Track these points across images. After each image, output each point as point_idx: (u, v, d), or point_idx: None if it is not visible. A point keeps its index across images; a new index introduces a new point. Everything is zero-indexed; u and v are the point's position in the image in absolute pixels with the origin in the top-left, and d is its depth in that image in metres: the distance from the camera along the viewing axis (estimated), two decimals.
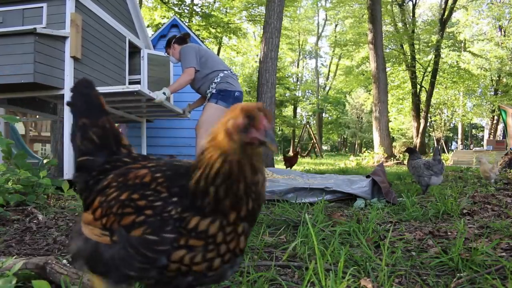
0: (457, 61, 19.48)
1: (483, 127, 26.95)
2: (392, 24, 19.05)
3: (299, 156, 8.86)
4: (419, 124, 17.46)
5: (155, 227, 0.56)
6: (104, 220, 0.62)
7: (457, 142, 27.40)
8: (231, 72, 3.74)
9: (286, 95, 29.71)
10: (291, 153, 12.12)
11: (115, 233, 0.60)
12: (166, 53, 3.68)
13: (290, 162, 7.97)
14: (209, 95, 3.66)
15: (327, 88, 33.34)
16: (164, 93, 3.47)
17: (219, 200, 0.55)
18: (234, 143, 0.54)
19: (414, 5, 19.07)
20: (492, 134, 21.37)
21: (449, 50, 19.50)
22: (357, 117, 33.07)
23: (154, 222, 0.56)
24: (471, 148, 20.50)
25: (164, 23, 7.88)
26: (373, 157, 11.80)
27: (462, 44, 20.96)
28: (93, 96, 0.81)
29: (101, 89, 3.36)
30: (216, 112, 3.67)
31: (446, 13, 17.17)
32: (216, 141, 0.55)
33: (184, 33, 3.76)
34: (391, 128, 21.42)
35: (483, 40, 20.38)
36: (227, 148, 0.55)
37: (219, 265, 0.57)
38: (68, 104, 0.81)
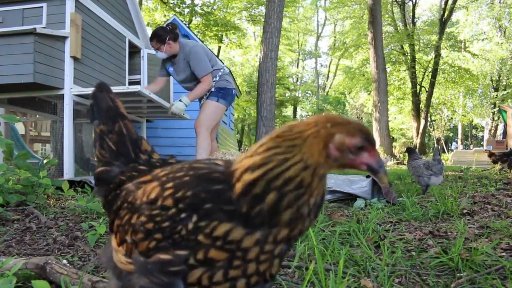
0: (457, 61, 19.49)
1: (483, 127, 26.96)
2: (392, 24, 19.06)
3: None
4: (419, 124, 17.47)
5: (167, 249, 0.48)
6: (124, 246, 0.55)
7: (457, 142, 27.41)
8: (226, 69, 3.73)
9: (286, 95, 29.72)
10: None
11: (135, 261, 0.52)
12: (155, 49, 3.54)
13: None
14: (207, 92, 3.62)
15: (327, 88, 33.35)
16: (181, 102, 3.37)
17: (277, 211, 0.46)
18: (331, 159, 0.48)
19: (414, 5, 19.08)
20: (492, 134, 21.39)
21: (449, 51, 19.52)
22: (357, 117, 33.08)
23: (165, 246, 0.48)
24: (471, 148, 20.51)
25: (164, 21, 7.88)
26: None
27: (462, 44, 20.97)
28: (109, 99, 0.74)
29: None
30: (217, 110, 3.62)
31: (446, 13, 17.19)
32: (302, 143, 0.47)
33: (173, 25, 3.59)
34: (391, 128, 21.42)
35: (483, 40, 20.39)
36: (317, 159, 0.47)
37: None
38: (88, 112, 0.76)
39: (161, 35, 3.41)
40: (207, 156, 3.70)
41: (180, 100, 3.35)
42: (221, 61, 4.12)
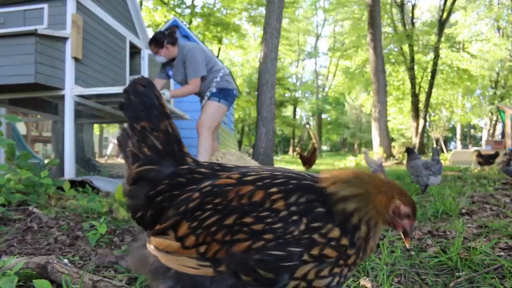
0: (455, 62, 19.52)
1: (481, 127, 27.00)
2: (392, 25, 19.08)
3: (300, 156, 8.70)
4: (418, 124, 17.49)
5: (279, 247, 0.50)
6: (203, 248, 0.52)
7: (455, 142, 27.44)
8: (227, 70, 3.74)
9: (286, 95, 29.73)
10: (296, 151, 11.80)
11: (221, 263, 0.51)
12: (153, 52, 3.56)
13: (309, 162, 7.33)
14: (208, 93, 3.64)
15: (327, 88, 33.35)
16: (163, 94, 3.43)
17: (367, 239, 0.58)
18: (387, 214, 0.61)
19: (413, 6, 19.11)
20: (491, 134, 21.41)
21: (448, 51, 19.54)
22: (357, 118, 33.10)
23: (276, 245, 0.50)
24: (469, 148, 20.54)
25: (164, 22, 7.89)
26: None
27: (461, 45, 21.01)
28: (154, 97, 0.69)
29: (103, 90, 3.37)
30: (218, 110, 3.64)
31: (445, 14, 17.21)
32: (376, 195, 0.60)
33: (171, 29, 3.60)
34: (390, 128, 21.44)
35: (481, 41, 20.43)
36: (383, 211, 0.60)
37: (335, 285, 0.56)
38: (122, 105, 0.68)
39: (159, 39, 3.44)
40: (209, 157, 3.71)
41: (163, 94, 3.38)
42: (221, 62, 4.13)
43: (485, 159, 5.42)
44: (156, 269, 0.55)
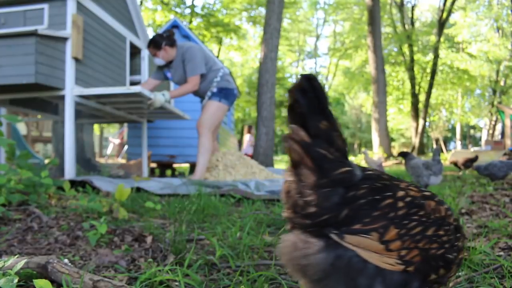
0: (455, 62, 19.53)
1: (481, 127, 27.00)
2: (391, 25, 19.09)
3: None
4: (418, 124, 17.49)
5: (450, 253, 0.65)
6: (404, 252, 0.61)
7: (455, 142, 27.45)
8: (226, 69, 3.74)
9: (286, 95, 29.69)
10: None
11: (413, 264, 0.61)
12: (152, 55, 3.56)
13: None
14: (209, 93, 3.63)
15: (327, 88, 33.37)
16: (163, 95, 3.41)
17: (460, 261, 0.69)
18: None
19: (413, 7, 19.11)
20: (491, 134, 21.42)
21: (448, 51, 19.55)
22: (356, 118, 33.12)
23: (449, 251, 0.65)
24: (469, 148, 20.54)
25: (166, 22, 7.89)
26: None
27: (461, 46, 21.01)
28: (325, 95, 0.66)
29: (103, 90, 3.37)
30: (219, 110, 3.64)
31: (445, 14, 17.22)
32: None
33: (170, 31, 3.62)
34: (390, 129, 21.44)
35: (481, 41, 20.43)
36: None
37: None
38: (296, 101, 0.63)
39: (157, 41, 3.46)
40: (209, 156, 3.71)
41: (163, 95, 3.37)
42: (221, 62, 4.12)
43: (463, 162, 5.44)
44: (353, 263, 0.61)
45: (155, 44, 3.48)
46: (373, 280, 0.60)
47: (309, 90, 0.64)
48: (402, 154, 3.19)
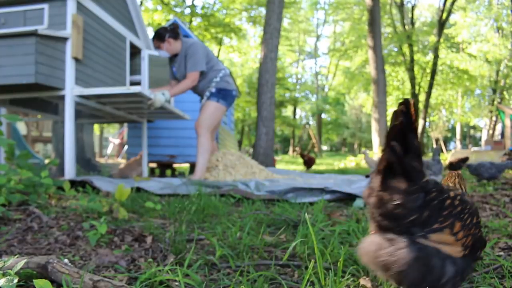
0: (455, 62, 19.52)
1: (481, 127, 26.99)
2: (391, 25, 19.09)
3: (300, 155, 8.74)
4: (418, 124, 17.48)
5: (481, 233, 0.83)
6: (465, 240, 0.77)
7: (455, 143, 27.45)
8: (227, 70, 3.71)
9: (286, 95, 29.73)
10: (296, 151, 11.94)
11: (467, 248, 0.77)
12: (156, 47, 3.58)
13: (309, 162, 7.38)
14: (208, 93, 3.63)
15: (326, 88, 33.35)
16: (163, 94, 3.41)
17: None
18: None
19: (413, 7, 19.11)
20: (491, 134, 21.41)
21: (448, 51, 19.55)
22: (357, 117, 33.10)
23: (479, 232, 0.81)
24: (469, 148, 20.55)
25: (166, 21, 7.88)
26: (373, 157, 11.81)
27: (461, 46, 21.00)
28: (417, 117, 0.81)
29: (103, 90, 3.37)
30: (217, 111, 3.65)
31: (445, 14, 17.22)
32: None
33: (174, 25, 3.65)
34: None
35: (481, 41, 20.43)
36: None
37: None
38: (401, 122, 0.76)
39: (160, 34, 3.49)
40: (209, 156, 3.72)
41: (162, 94, 3.37)
42: (222, 63, 4.12)
43: (454, 164, 5.43)
44: (430, 253, 0.75)
45: (158, 36, 3.51)
46: (444, 262, 0.75)
47: (408, 112, 0.76)
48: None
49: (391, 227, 0.77)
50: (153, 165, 6.56)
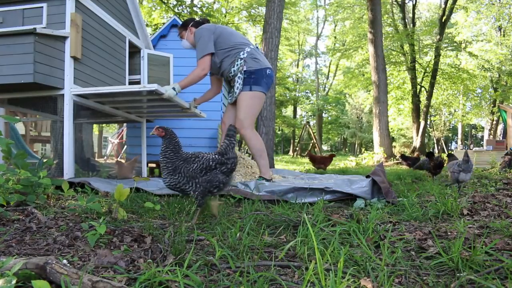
0: (456, 61, 19.51)
1: (482, 127, 26.97)
2: (392, 24, 19.06)
3: (299, 155, 8.55)
4: (419, 124, 17.48)
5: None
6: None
7: (456, 142, 27.43)
8: (252, 46, 3.13)
9: (286, 95, 29.72)
10: (305, 151, 11.84)
11: None
12: (179, 36, 3.39)
13: (324, 163, 6.64)
14: (238, 81, 3.06)
15: (327, 88, 33.33)
16: (174, 89, 3.21)
17: None
18: None
19: (414, 6, 19.09)
20: (492, 134, 21.39)
21: (449, 51, 19.52)
22: (357, 117, 33.08)
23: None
24: (470, 148, 20.53)
25: (164, 23, 7.88)
26: (373, 157, 11.80)
27: (462, 45, 20.98)
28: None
29: (101, 89, 3.35)
30: (253, 101, 3.06)
31: (446, 13, 17.19)
32: None
33: (203, 18, 3.44)
34: (391, 128, 21.43)
35: (482, 40, 20.42)
36: None
37: None
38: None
39: (185, 22, 3.39)
40: (265, 151, 3.18)
41: (173, 88, 3.16)
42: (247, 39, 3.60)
43: (410, 164, 5.43)
44: None
45: (183, 24, 3.37)
46: None
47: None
48: (449, 155, 3.67)
49: None
50: (153, 165, 6.55)
